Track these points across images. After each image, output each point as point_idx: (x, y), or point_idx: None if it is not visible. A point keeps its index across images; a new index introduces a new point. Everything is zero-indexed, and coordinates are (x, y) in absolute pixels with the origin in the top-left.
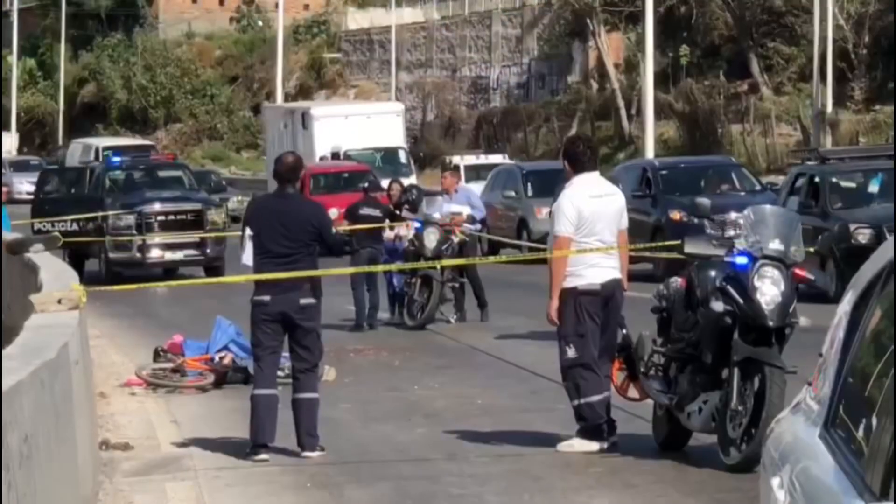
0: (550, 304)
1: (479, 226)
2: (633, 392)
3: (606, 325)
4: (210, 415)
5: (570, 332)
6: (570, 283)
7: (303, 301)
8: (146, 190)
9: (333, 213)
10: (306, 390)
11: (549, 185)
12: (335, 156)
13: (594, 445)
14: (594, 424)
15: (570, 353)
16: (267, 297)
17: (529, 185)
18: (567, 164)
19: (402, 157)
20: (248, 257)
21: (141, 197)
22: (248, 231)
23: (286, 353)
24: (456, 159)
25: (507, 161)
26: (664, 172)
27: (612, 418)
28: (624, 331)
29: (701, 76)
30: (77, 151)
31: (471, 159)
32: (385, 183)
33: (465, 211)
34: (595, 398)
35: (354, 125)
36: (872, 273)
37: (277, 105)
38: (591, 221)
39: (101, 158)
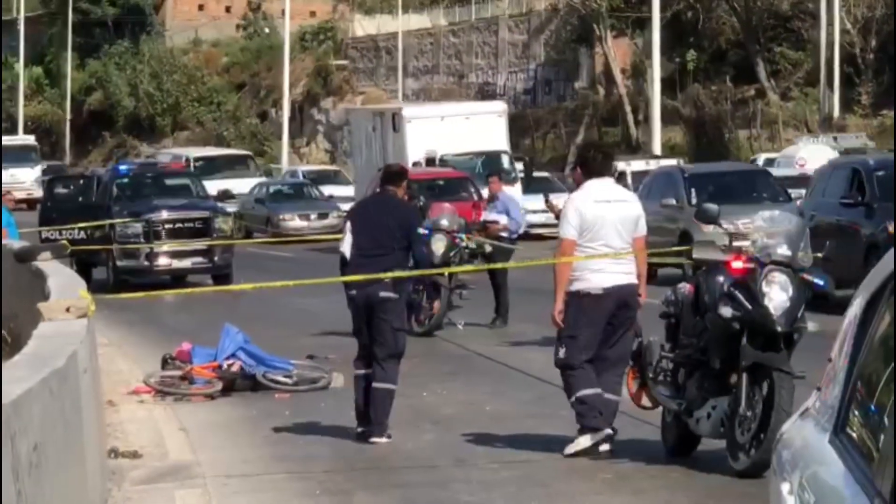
0: (554, 307)
1: (514, 235)
2: (646, 401)
3: (617, 331)
4: (218, 422)
5: (564, 334)
6: (573, 286)
7: (382, 294)
8: (154, 198)
9: None
10: (383, 380)
11: (717, 191)
12: (430, 161)
13: (598, 436)
14: (591, 417)
15: (561, 353)
16: (353, 291)
17: (693, 190)
18: (580, 169)
19: (506, 161)
20: (345, 247)
21: (148, 205)
22: (349, 225)
23: (294, 361)
24: (621, 165)
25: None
26: (881, 173)
27: (613, 427)
28: (639, 339)
29: (708, 81)
30: (166, 162)
31: (639, 165)
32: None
33: (502, 220)
34: (586, 392)
35: (451, 127)
36: (882, 278)
37: (364, 107)
38: (594, 226)
39: (192, 170)
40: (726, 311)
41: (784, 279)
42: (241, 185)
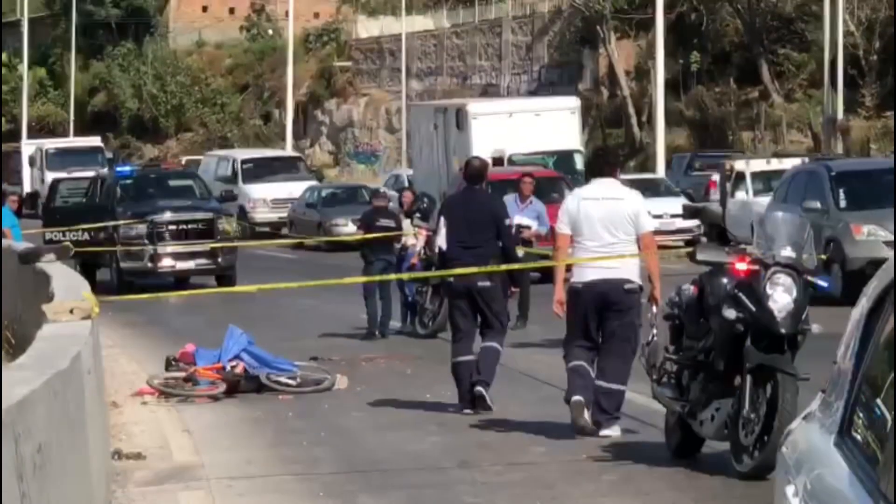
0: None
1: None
2: None
3: (612, 322)
4: (222, 424)
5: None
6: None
7: (481, 283)
8: (157, 199)
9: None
10: (490, 341)
11: (869, 192)
12: (497, 161)
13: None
14: (576, 418)
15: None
16: (452, 280)
17: (842, 192)
18: (587, 171)
19: (579, 162)
20: (441, 241)
21: (152, 206)
22: (443, 220)
23: (298, 363)
24: (739, 164)
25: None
26: None
27: (617, 415)
28: (654, 333)
29: (711, 83)
30: (211, 165)
31: (759, 164)
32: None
33: (534, 226)
34: (573, 397)
35: (520, 124)
36: (887, 280)
37: (425, 103)
38: (578, 222)
39: (240, 173)
40: (730, 313)
41: (788, 281)
42: (293, 189)
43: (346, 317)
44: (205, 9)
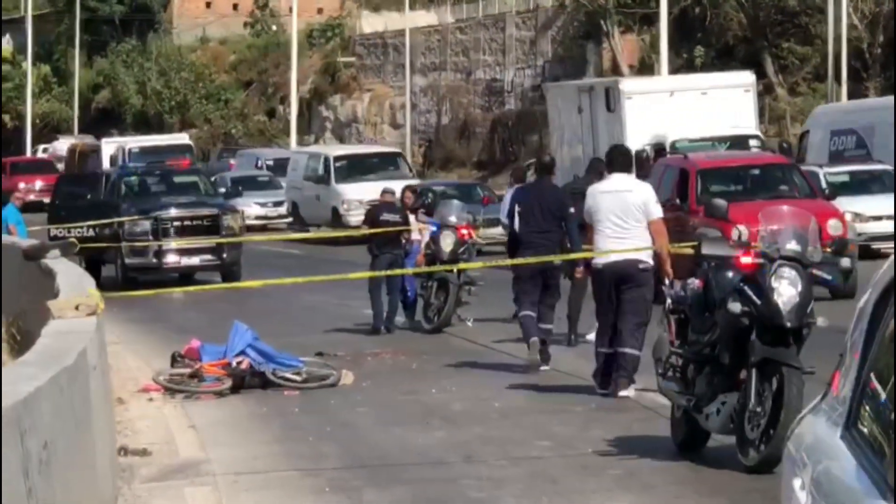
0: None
1: None
2: None
3: (625, 297)
4: (228, 420)
5: None
6: None
7: (555, 262)
8: (162, 195)
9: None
10: (546, 322)
11: None
12: (658, 148)
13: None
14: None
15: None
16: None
17: None
18: (606, 166)
19: (756, 149)
20: (517, 225)
21: (157, 202)
22: (518, 207)
23: (303, 358)
24: None
25: None
26: None
27: (633, 378)
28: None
29: None
30: (301, 162)
31: None
32: None
33: None
34: (598, 349)
35: (683, 104)
36: (893, 273)
37: (567, 83)
38: (598, 212)
39: (332, 171)
40: (735, 307)
41: (793, 274)
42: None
43: (351, 312)
44: (208, 5)
